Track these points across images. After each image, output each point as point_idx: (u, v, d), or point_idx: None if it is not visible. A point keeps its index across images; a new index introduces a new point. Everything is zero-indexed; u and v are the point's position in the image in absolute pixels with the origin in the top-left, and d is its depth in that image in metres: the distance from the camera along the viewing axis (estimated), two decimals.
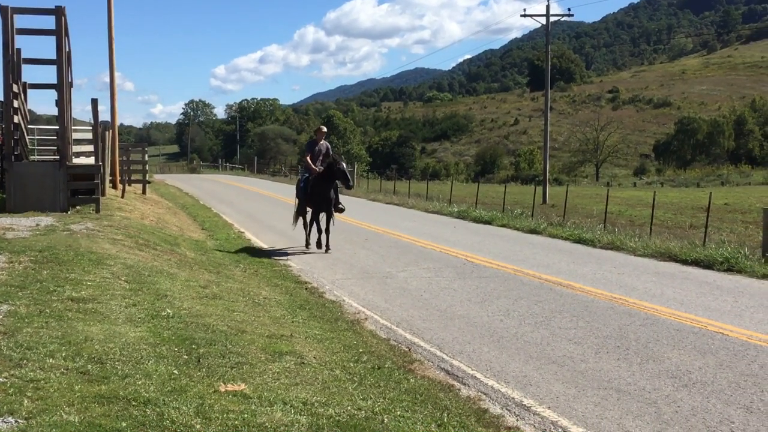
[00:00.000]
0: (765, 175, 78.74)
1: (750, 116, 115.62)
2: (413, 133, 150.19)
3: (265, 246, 19.19)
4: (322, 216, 18.19)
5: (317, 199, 18.04)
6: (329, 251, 17.83)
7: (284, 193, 42.61)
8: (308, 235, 18.73)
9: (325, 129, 19.49)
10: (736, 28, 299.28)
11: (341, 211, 18.71)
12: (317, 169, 18.09)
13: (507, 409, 7.23)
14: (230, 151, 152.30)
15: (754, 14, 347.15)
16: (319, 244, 18.24)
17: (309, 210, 18.79)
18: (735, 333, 9.97)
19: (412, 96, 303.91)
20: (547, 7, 42.85)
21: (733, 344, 9.40)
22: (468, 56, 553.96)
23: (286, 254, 17.88)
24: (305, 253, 18.04)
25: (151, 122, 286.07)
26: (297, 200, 19.46)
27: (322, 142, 18.77)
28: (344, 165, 18.25)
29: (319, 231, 18.24)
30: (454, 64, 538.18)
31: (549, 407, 7.27)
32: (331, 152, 18.73)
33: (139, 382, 5.88)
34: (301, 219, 19.18)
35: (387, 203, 35.87)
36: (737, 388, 7.70)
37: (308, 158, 18.48)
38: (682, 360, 8.73)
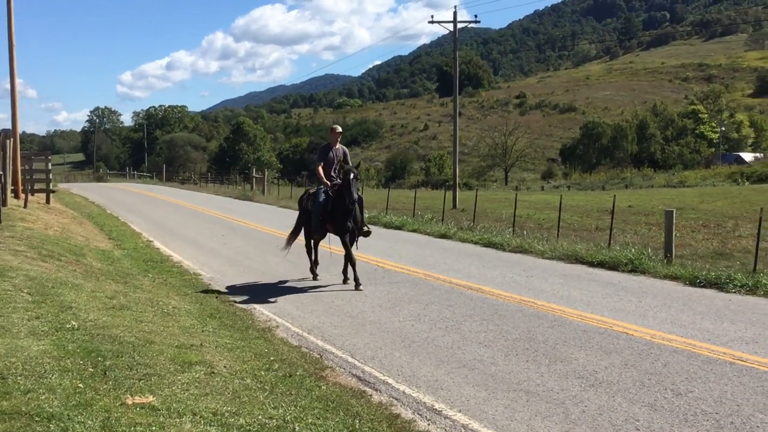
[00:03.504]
0: (667, 178, 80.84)
1: (651, 121, 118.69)
2: (323, 139, 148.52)
3: (174, 255, 18.91)
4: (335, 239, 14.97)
5: (341, 218, 14.29)
6: (348, 282, 14.52)
7: (194, 201, 42.17)
8: (313, 262, 15.50)
9: (339, 129, 15.56)
10: (637, 35, 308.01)
11: (367, 234, 15.02)
12: (327, 181, 14.78)
13: (418, 413, 7.26)
14: (138, 159, 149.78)
15: (654, 21, 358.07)
16: (356, 278, 14.17)
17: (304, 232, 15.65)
18: (639, 333, 10.21)
19: (322, 102, 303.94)
20: (455, 14, 43.29)
21: (638, 344, 9.63)
22: (377, 62, 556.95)
23: (197, 263, 17.66)
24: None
25: (55, 130, 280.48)
26: (302, 218, 15.87)
27: (338, 146, 15.08)
28: (352, 176, 14.14)
29: (352, 261, 14.36)
30: (363, 71, 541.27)
31: (460, 410, 7.33)
32: (349, 159, 15.19)
33: (43, 397, 5.73)
34: (297, 242, 16.11)
35: (297, 210, 35.67)
36: (642, 387, 7.88)
37: (320, 168, 14.87)
38: (588, 360, 8.90)
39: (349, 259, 14.32)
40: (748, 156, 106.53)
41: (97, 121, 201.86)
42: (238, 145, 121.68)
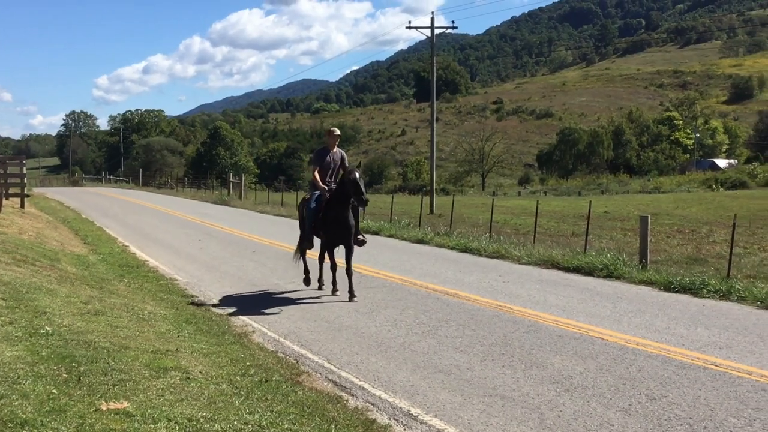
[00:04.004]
0: (642, 184, 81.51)
1: (627, 127, 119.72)
2: (301, 144, 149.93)
3: (150, 260, 18.80)
4: (337, 249, 13.91)
5: (333, 226, 13.48)
6: (355, 298, 13.28)
7: (170, 206, 42.00)
8: (321, 270, 14.74)
9: (338, 132, 14.61)
10: (613, 41, 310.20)
11: (361, 243, 14.17)
12: (324, 186, 13.87)
13: (394, 418, 7.27)
14: (114, 164, 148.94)
15: (629, 28, 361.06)
16: (334, 285, 14.02)
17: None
18: (614, 338, 10.26)
19: (299, 107, 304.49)
20: (432, 19, 43.40)
21: (613, 349, 9.68)
22: (355, 67, 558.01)
23: (173, 267, 17.57)
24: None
25: (31, 134, 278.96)
26: (301, 226, 14.85)
27: (335, 150, 14.25)
28: (357, 174, 13.32)
29: (333, 268, 13.94)
30: (341, 76, 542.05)
31: (436, 416, 7.33)
32: (347, 164, 14.41)
33: (16, 403, 5.68)
34: (302, 252, 14.85)
35: (275, 215, 35.65)
36: (616, 392, 7.92)
37: (316, 173, 13.98)
38: (564, 365, 8.93)
39: (348, 272, 13.42)
40: (722, 162, 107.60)
41: (73, 125, 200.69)
42: (215, 150, 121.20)
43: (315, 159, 14.36)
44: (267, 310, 12.66)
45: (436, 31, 44.10)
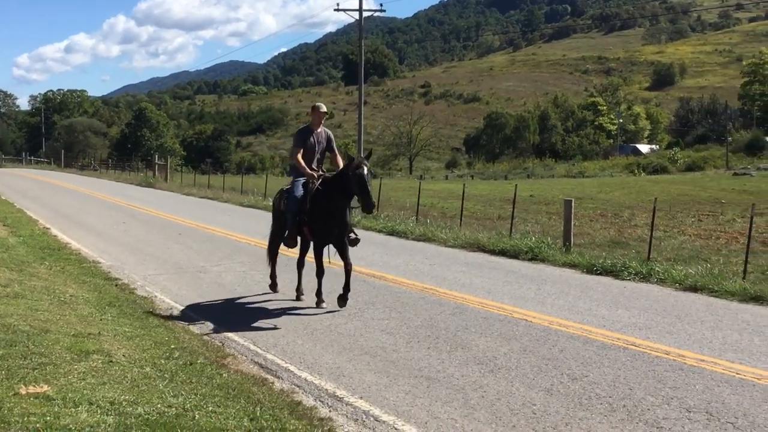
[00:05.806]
0: (567, 169, 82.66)
1: (553, 112, 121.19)
2: (228, 126, 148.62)
3: (73, 242, 18.46)
4: (325, 249, 11.67)
5: (324, 222, 11.35)
6: (344, 304, 11.30)
7: (94, 188, 41.30)
8: (300, 279, 12.43)
9: (324, 108, 12.23)
10: (539, 27, 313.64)
11: (355, 242, 11.74)
12: (313, 172, 11.73)
13: (320, 400, 7.28)
14: (35, 145, 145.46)
15: (555, 14, 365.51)
16: (319, 296, 11.63)
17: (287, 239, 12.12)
18: (538, 319, 10.42)
19: (226, 89, 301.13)
20: (360, 2, 43.36)
21: (536, 330, 9.82)
22: (283, 49, 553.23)
23: (97, 250, 17.27)
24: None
25: None
26: (276, 220, 12.75)
27: (320, 129, 12.17)
28: (366, 170, 10.86)
29: (320, 274, 11.57)
30: (269, 58, 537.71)
31: (361, 397, 7.36)
32: (334, 145, 12.46)
33: None
34: (274, 254, 12.83)
35: (201, 197, 35.32)
36: (539, 372, 8.05)
37: (299, 156, 11.84)
38: (488, 347, 9.03)
39: (347, 273, 11.28)
40: (644, 147, 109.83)
41: None
42: (140, 132, 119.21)
43: (297, 140, 12.11)
44: (192, 293, 12.56)
45: (365, 14, 44.14)
